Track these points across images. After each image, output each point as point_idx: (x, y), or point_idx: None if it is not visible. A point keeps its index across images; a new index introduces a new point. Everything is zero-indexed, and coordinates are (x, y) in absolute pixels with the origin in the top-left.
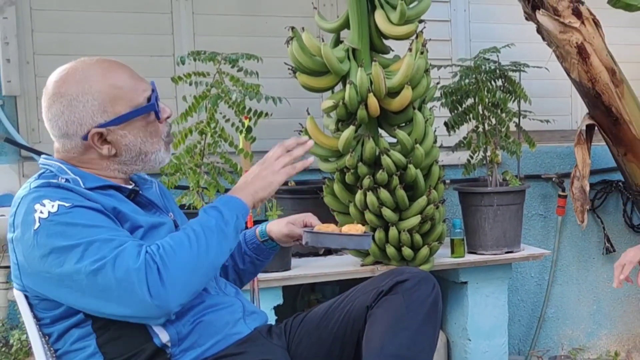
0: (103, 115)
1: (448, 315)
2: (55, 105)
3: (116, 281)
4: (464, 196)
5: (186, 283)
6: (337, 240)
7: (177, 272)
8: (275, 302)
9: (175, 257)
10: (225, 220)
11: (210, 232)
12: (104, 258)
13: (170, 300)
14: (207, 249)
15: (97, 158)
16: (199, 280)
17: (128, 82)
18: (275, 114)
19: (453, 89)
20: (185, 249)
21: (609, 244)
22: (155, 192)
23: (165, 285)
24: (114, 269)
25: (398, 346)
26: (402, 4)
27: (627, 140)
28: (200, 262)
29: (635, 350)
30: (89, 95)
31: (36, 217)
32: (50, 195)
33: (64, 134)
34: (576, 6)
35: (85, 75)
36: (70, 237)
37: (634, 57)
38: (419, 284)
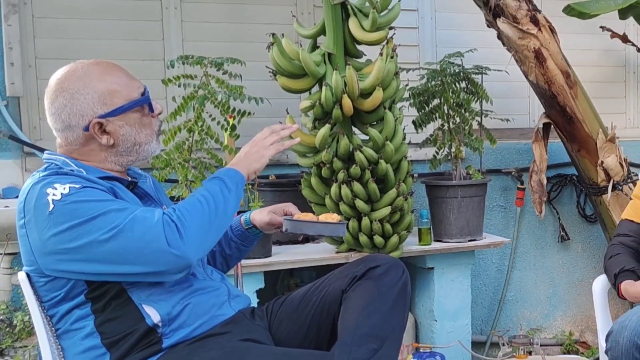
0: (102, 107)
1: (416, 298)
2: (59, 99)
3: (135, 240)
4: (430, 189)
5: (202, 238)
6: (314, 227)
7: (193, 227)
8: (257, 286)
9: (190, 215)
10: (228, 187)
11: (217, 196)
12: (120, 224)
13: (188, 251)
14: (216, 210)
15: (97, 149)
16: (212, 237)
17: (124, 79)
18: (257, 113)
19: (420, 90)
20: (198, 210)
21: (563, 233)
22: (150, 186)
23: (184, 238)
24: (132, 230)
25: (370, 327)
26: (373, 13)
27: (580, 138)
28: (212, 221)
29: (587, 330)
30: (89, 89)
31: (49, 200)
32: (60, 180)
33: (67, 126)
34: (534, 14)
35: (86, 73)
36: (84, 213)
37: (586, 61)
38: (390, 270)
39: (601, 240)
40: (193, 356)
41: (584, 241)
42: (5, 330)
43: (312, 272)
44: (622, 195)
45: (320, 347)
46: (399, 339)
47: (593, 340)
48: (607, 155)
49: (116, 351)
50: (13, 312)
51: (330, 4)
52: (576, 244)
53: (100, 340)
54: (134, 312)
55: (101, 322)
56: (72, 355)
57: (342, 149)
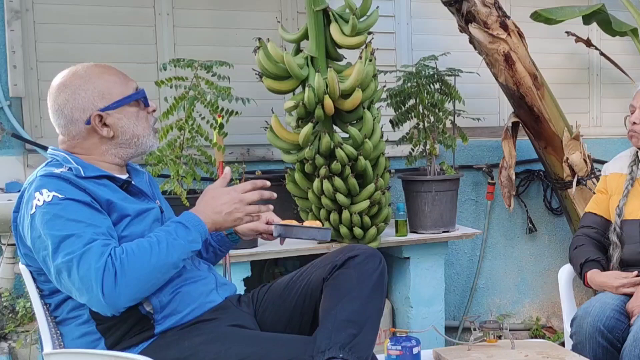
0: (102, 101)
1: (393, 286)
2: (62, 95)
3: (79, 277)
4: (406, 183)
5: (137, 288)
6: (307, 232)
7: (131, 278)
8: (244, 275)
9: (134, 264)
10: (188, 240)
11: (173, 248)
12: (73, 253)
13: (119, 301)
14: (164, 262)
15: (98, 142)
16: (149, 287)
17: (120, 78)
18: (244, 113)
19: (397, 91)
20: (146, 258)
21: (531, 225)
22: (145, 182)
23: (118, 288)
24: (78, 266)
25: (350, 313)
26: (353, 19)
27: (547, 136)
28: (154, 273)
29: (553, 316)
30: (89, 85)
31: (34, 204)
32: (48, 186)
33: (70, 120)
34: (503, 20)
35: (86, 72)
36: (53, 227)
37: (553, 64)
38: (368, 259)
39: (566, 232)
40: (183, 341)
41: (550, 232)
42: (8, 316)
43: (296, 261)
44: (586, 189)
45: (302, 332)
46: (376, 324)
47: (559, 326)
48: (572, 152)
49: (110, 336)
50: (15, 298)
51: (313, 10)
52: (543, 235)
53: (95, 327)
54: None
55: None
56: (70, 340)
57: (323, 146)
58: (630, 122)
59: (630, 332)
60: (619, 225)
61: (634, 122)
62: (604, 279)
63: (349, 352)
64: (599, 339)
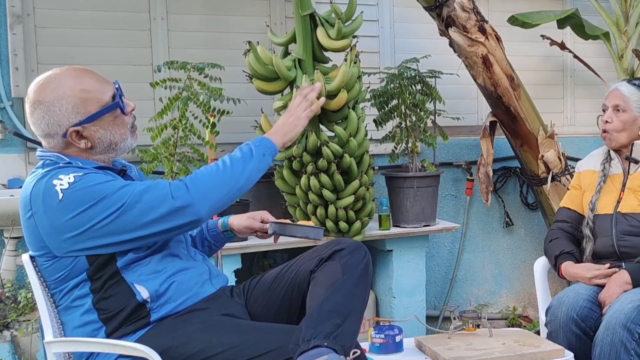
0: (77, 116)
1: (376, 277)
2: (37, 112)
3: (144, 209)
4: (389, 180)
5: (210, 191)
6: (301, 230)
7: (202, 183)
8: (235, 267)
9: (201, 174)
10: (253, 154)
11: (236, 160)
12: (128, 198)
13: (195, 201)
14: (231, 171)
15: (77, 151)
16: (221, 193)
17: (95, 85)
18: (235, 113)
19: (380, 92)
20: (212, 169)
21: (508, 219)
22: (135, 175)
23: (190, 190)
24: (141, 200)
25: (335, 303)
26: (339, 23)
27: (523, 134)
28: (223, 179)
29: (529, 306)
30: (63, 101)
31: (58, 190)
32: (63, 172)
33: (47, 134)
34: (481, 24)
35: (59, 84)
36: (93, 196)
37: (529, 66)
38: (353, 252)
39: (541, 226)
40: (178, 329)
41: (526, 226)
42: (11, 306)
43: (284, 254)
44: (560, 185)
45: (290, 321)
46: (361, 314)
47: (534, 315)
48: (547, 150)
49: (110, 325)
50: (17, 289)
51: (300, 15)
52: (519, 229)
53: (97, 316)
54: (126, 290)
55: (98, 299)
56: (71, 329)
57: (310, 144)
58: (603, 121)
59: (602, 321)
60: (592, 219)
61: (605, 121)
62: (578, 270)
63: (332, 341)
64: (573, 328)
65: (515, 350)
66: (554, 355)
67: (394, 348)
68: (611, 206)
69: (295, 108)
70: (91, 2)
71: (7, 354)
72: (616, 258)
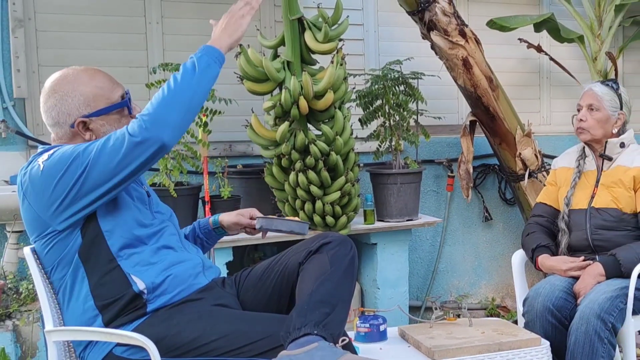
0: (87, 109)
1: (362, 269)
2: (50, 99)
3: (110, 153)
4: (374, 176)
5: (166, 116)
6: (286, 224)
7: (153, 112)
8: (227, 259)
9: (151, 105)
10: (196, 68)
11: (182, 79)
12: (95, 149)
13: (154, 132)
14: (181, 89)
15: (82, 143)
16: (178, 112)
17: (107, 84)
18: (226, 112)
19: (365, 93)
20: (160, 96)
21: (487, 214)
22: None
23: (143, 122)
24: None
25: (323, 294)
26: (325, 27)
27: (501, 133)
28: (172, 101)
29: (507, 297)
30: (76, 92)
31: (40, 164)
32: (46, 151)
33: (56, 123)
34: (462, 28)
35: (75, 78)
36: (66, 160)
37: (507, 68)
38: (340, 245)
39: (519, 220)
40: (173, 319)
41: (504, 221)
42: (13, 297)
43: (274, 247)
44: (537, 182)
45: (280, 311)
46: (347, 304)
47: (512, 305)
48: (524, 148)
49: (107, 313)
50: (19, 281)
51: (289, 19)
52: (498, 223)
53: (93, 303)
54: (122, 279)
55: (94, 287)
56: (70, 317)
57: (299, 142)
58: (577, 120)
59: (577, 311)
60: (567, 214)
61: (580, 120)
62: (553, 263)
63: (322, 329)
64: (549, 317)
65: (494, 339)
66: (530, 343)
67: (379, 337)
68: (585, 201)
69: (238, 10)
70: (89, 7)
71: (9, 343)
72: (590, 251)
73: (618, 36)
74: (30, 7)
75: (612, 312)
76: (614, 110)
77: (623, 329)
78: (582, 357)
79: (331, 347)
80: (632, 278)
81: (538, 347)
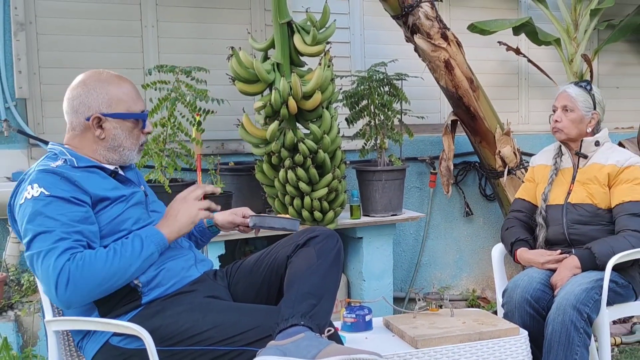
0: (107, 108)
1: (348, 262)
2: (77, 89)
3: (41, 271)
4: (360, 173)
5: (86, 294)
6: (279, 221)
7: (82, 285)
8: (219, 252)
9: (87, 273)
10: (142, 253)
11: (123, 258)
12: (40, 248)
13: (69, 301)
14: (115, 272)
15: (90, 140)
16: (99, 292)
17: (133, 95)
18: (219, 112)
19: (352, 93)
20: (99, 268)
21: (468, 209)
22: (134, 172)
23: (68, 292)
24: (42, 261)
25: (311, 286)
26: (314, 30)
27: (481, 132)
28: (105, 281)
29: (487, 288)
30: (103, 90)
31: (25, 195)
32: (40, 181)
33: (75, 111)
34: (444, 31)
35: (107, 79)
36: (33, 222)
37: (487, 70)
38: (327, 239)
39: (498, 215)
40: (166, 310)
41: (484, 216)
42: (14, 288)
43: (264, 241)
44: (516, 178)
45: (269, 302)
46: (334, 296)
47: (492, 296)
48: (504, 146)
49: (102, 306)
50: (21, 273)
51: (279, 23)
52: (478, 218)
53: None
54: None
55: None
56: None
57: (288, 140)
58: (554, 119)
59: (554, 302)
60: (545, 209)
61: (556, 120)
62: (531, 256)
63: (309, 320)
64: (527, 308)
65: (475, 329)
66: (509, 333)
67: (364, 327)
68: (562, 197)
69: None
70: (88, 11)
71: (11, 332)
72: (566, 245)
73: (593, 39)
74: (31, 12)
75: (588, 303)
76: (587, 111)
77: (598, 319)
78: (558, 346)
79: (317, 337)
80: (607, 270)
81: (517, 336)
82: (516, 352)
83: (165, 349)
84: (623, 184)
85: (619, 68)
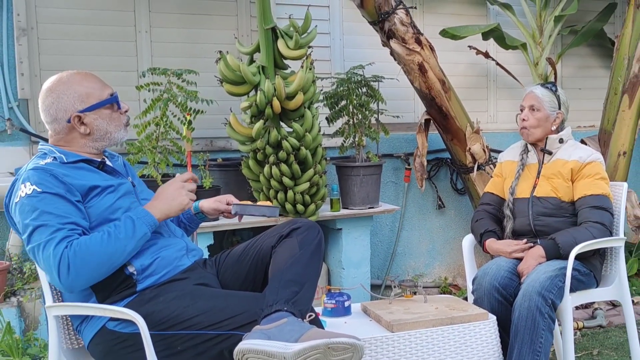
0: (81, 104)
1: (328, 252)
2: (48, 98)
3: (43, 261)
4: (339, 169)
5: (89, 276)
6: (258, 209)
7: (83, 268)
8: (208, 242)
9: (86, 256)
10: (135, 233)
11: (118, 240)
12: (39, 240)
13: (73, 286)
14: (112, 254)
15: (78, 137)
16: (100, 274)
17: (97, 84)
18: (208, 112)
19: (332, 94)
20: (96, 252)
21: (440, 202)
22: (120, 164)
23: (71, 276)
24: (43, 252)
25: (293, 274)
26: (296, 35)
27: (453, 130)
28: (104, 263)
29: (458, 276)
30: (71, 91)
31: (19, 194)
32: (32, 179)
33: (54, 119)
34: (418, 37)
35: (69, 79)
36: (29, 217)
37: (458, 72)
38: (308, 230)
39: (469, 208)
40: (159, 296)
41: (456, 208)
42: (17, 276)
43: (250, 232)
44: (485, 173)
45: (255, 290)
46: (315, 283)
47: (463, 284)
48: (474, 144)
49: (99, 292)
50: (23, 262)
51: (264, 28)
52: (450, 210)
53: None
54: None
55: None
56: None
57: (272, 138)
58: (520, 119)
59: (521, 289)
60: (512, 202)
61: (523, 119)
62: (499, 246)
63: (292, 306)
64: (495, 295)
65: (447, 314)
66: (479, 318)
67: (344, 312)
68: (528, 191)
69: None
70: (86, 18)
71: (14, 317)
72: (532, 235)
73: (557, 44)
74: (32, 18)
75: (552, 290)
76: (552, 110)
77: (561, 305)
78: (525, 330)
79: (299, 322)
80: (570, 259)
81: (486, 321)
82: (485, 335)
83: (158, 333)
84: (585, 179)
85: (581, 71)
